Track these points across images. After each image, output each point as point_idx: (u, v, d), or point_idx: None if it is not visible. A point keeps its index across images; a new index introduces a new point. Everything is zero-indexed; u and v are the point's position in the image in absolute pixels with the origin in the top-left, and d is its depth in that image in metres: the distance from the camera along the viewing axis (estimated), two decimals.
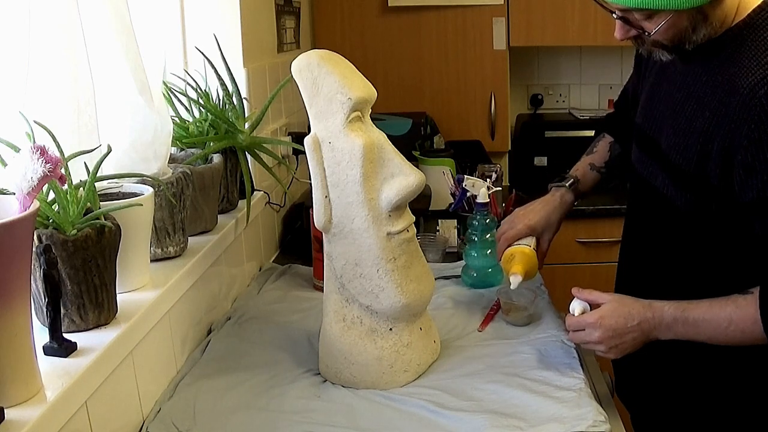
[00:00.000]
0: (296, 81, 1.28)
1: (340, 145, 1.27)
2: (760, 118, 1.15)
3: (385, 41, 2.87)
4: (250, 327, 1.59)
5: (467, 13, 2.84)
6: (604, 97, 3.25)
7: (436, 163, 2.41)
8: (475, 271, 1.80)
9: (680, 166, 1.30)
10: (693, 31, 1.23)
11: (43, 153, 0.92)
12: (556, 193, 1.65)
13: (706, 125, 1.24)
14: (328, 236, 1.34)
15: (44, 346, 1.05)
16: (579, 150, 1.74)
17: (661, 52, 1.29)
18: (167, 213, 1.39)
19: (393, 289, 1.31)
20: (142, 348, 1.23)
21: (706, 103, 1.25)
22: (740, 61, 1.21)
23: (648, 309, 1.28)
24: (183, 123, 1.67)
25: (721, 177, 1.23)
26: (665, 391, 1.46)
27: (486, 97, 2.91)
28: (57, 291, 1.03)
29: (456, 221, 2.13)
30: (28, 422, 0.89)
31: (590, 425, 1.19)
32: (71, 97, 1.19)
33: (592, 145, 1.73)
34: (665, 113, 1.36)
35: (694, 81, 1.29)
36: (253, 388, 1.35)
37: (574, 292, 1.36)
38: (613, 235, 1.69)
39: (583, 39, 2.85)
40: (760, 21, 1.23)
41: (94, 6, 1.25)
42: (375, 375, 1.35)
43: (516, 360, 1.42)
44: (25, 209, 0.91)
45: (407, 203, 1.32)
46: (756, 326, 1.20)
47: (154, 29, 1.45)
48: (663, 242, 1.39)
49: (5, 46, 1.09)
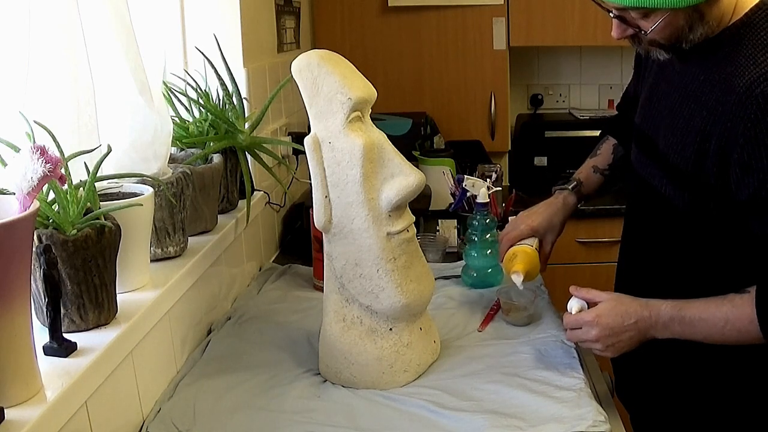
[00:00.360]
0: (296, 81, 1.28)
1: (340, 145, 1.27)
2: (756, 116, 1.15)
3: (385, 41, 2.87)
4: (250, 327, 1.59)
5: (467, 13, 2.84)
6: (604, 97, 3.26)
7: (436, 163, 2.41)
8: (475, 271, 1.80)
9: (678, 165, 1.30)
10: (690, 30, 1.23)
11: (43, 153, 0.92)
12: (559, 195, 1.66)
13: (703, 124, 1.24)
14: (328, 236, 1.34)
15: (44, 346, 1.05)
16: (579, 150, 1.74)
17: (658, 51, 1.29)
18: (167, 213, 1.39)
19: (393, 289, 1.31)
20: (142, 348, 1.23)
21: (703, 102, 1.25)
22: (737, 59, 1.21)
23: (645, 308, 1.28)
24: (183, 123, 1.67)
25: (718, 176, 1.23)
26: (665, 391, 1.46)
27: (486, 97, 2.91)
28: (57, 291, 1.03)
29: (456, 221, 2.13)
30: (28, 422, 0.89)
31: (590, 425, 1.19)
32: (71, 97, 1.19)
33: (595, 147, 1.73)
34: (663, 113, 1.36)
35: (691, 80, 1.30)
36: (253, 388, 1.35)
37: (572, 291, 1.36)
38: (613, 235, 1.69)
39: (583, 39, 2.85)
40: (757, 20, 1.23)
41: (94, 6, 1.25)
42: (375, 375, 1.35)
43: (516, 360, 1.42)
44: (25, 209, 0.91)
45: (407, 203, 1.32)
46: (752, 326, 1.20)
47: (154, 29, 1.45)
48: (662, 242, 1.39)
49: (5, 46, 1.09)
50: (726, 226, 1.27)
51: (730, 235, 1.27)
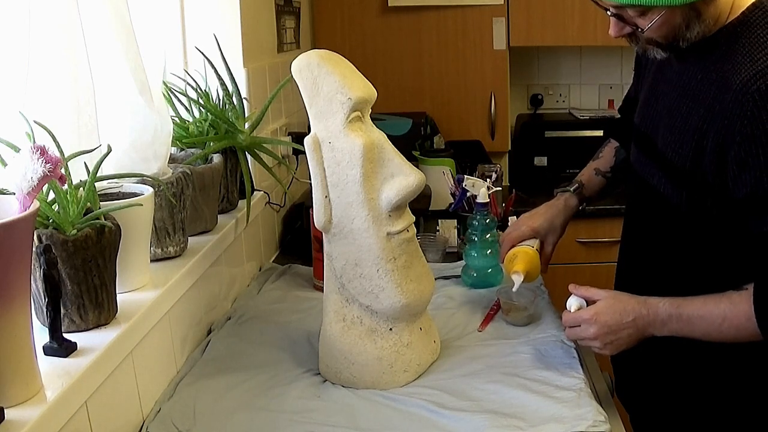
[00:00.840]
0: (296, 81, 1.28)
1: (340, 145, 1.27)
2: (753, 114, 1.15)
3: (385, 41, 2.87)
4: (250, 327, 1.59)
5: (467, 13, 2.84)
6: (604, 97, 3.26)
7: (436, 163, 2.41)
8: (475, 271, 1.80)
9: (676, 163, 1.30)
10: (687, 28, 1.23)
11: (43, 153, 0.92)
12: (560, 197, 1.66)
13: (701, 122, 1.24)
14: (328, 236, 1.34)
15: (44, 346, 1.05)
16: (579, 150, 1.75)
17: (655, 50, 1.29)
18: (167, 213, 1.39)
19: (393, 289, 1.31)
20: (142, 348, 1.23)
21: (701, 100, 1.25)
22: (734, 57, 1.22)
23: (643, 305, 1.29)
24: (183, 123, 1.67)
25: (716, 174, 1.23)
26: (665, 392, 1.46)
27: (486, 97, 2.91)
28: (57, 291, 1.03)
29: (456, 221, 2.13)
30: (28, 422, 0.89)
31: (590, 425, 1.19)
32: (71, 97, 1.19)
33: (598, 150, 1.74)
34: (662, 112, 1.36)
35: (689, 79, 1.30)
36: (253, 388, 1.35)
37: (571, 289, 1.36)
38: (613, 235, 1.69)
39: (583, 39, 2.85)
40: (754, 18, 1.23)
41: (94, 6, 1.25)
42: (375, 375, 1.35)
43: (516, 360, 1.42)
44: (25, 209, 0.91)
45: (407, 203, 1.32)
46: (750, 323, 1.20)
47: (154, 29, 1.45)
48: (661, 241, 1.40)
49: (5, 46, 1.09)
50: (724, 224, 1.27)
51: (728, 233, 1.27)
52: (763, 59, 1.17)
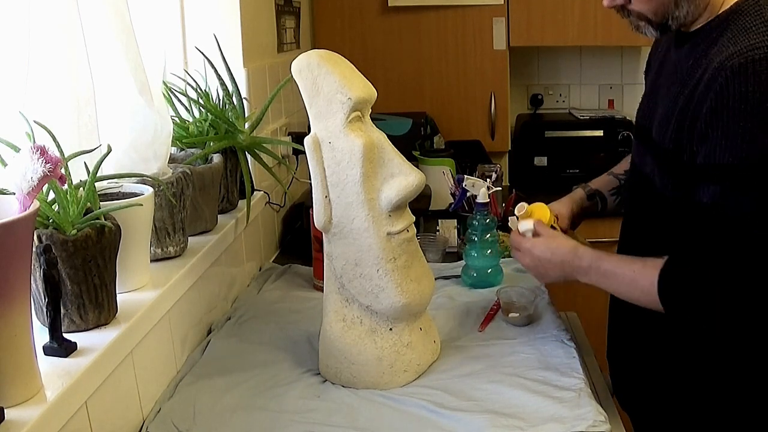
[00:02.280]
0: (296, 81, 1.28)
1: (340, 145, 1.27)
2: (721, 88, 1.16)
3: (385, 41, 2.87)
4: (250, 327, 1.59)
5: (467, 13, 2.84)
6: (604, 97, 3.26)
7: (436, 163, 2.41)
8: (475, 271, 1.80)
9: (663, 147, 1.31)
10: (675, 6, 1.26)
11: (43, 153, 0.92)
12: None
13: (684, 103, 1.26)
14: (328, 236, 1.34)
15: (44, 346, 1.05)
16: (579, 150, 1.74)
17: (647, 27, 1.32)
18: (167, 213, 1.39)
19: (393, 289, 1.31)
20: (142, 348, 1.23)
21: (686, 83, 1.27)
22: (720, 42, 1.24)
23: (573, 252, 1.35)
24: (183, 123, 1.67)
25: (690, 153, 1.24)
26: (663, 393, 1.45)
27: (486, 97, 2.91)
28: (57, 291, 1.03)
29: (456, 221, 2.13)
30: (28, 422, 0.90)
31: (590, 425, 1.19)
32: (71, 97, 1.19)
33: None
34: (657, 103, 1.38)
35: (681, 67, 1.32)
36: (253, 388, 1.35)
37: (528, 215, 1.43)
38: (613, 235, 1.69)
39: (583, 39, 2.84)
40: (745, 7, 1.25)
41: (94, 6, 1.25)
42: (375, 375, 1.35)
43: (516, 360, 1.42)
44: (25, 209, 0.91)
45: (407, 203, 1.32)
46: (653, 288, 1.21)
47: (154, 29, 1.45)
48: (654, 231, 1.40)
49: (5, 46, 1.09)
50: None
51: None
52: (744, 41, 1.19)
